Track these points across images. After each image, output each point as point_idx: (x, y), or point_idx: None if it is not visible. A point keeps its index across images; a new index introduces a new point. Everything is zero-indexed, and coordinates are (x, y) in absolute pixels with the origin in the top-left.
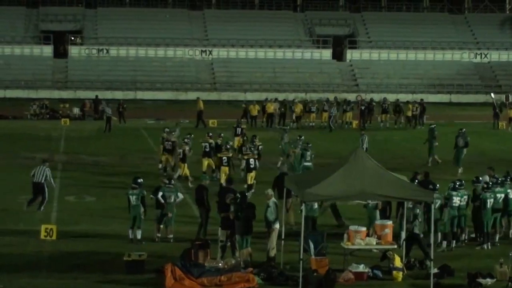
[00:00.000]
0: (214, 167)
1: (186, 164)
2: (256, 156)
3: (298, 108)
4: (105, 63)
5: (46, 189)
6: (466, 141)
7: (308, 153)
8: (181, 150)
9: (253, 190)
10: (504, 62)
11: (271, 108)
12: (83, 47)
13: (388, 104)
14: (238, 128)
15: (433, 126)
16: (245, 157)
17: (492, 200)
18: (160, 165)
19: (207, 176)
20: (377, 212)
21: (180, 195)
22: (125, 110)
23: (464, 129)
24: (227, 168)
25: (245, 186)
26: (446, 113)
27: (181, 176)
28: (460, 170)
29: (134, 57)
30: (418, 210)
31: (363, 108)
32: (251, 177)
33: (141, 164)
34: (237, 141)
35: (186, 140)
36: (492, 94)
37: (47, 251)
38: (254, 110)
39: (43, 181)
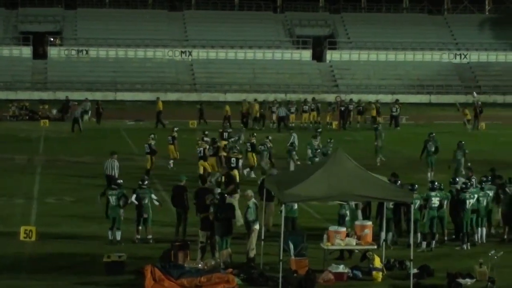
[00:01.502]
0: (209, 170)
1: (206, 163)
2: (239, 156)
3: (254, 109)
4: (85, 64)
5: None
6: (437, 146)
7: (316, 159)
8: (201, 149)
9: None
10: (483, 63)
11: (243, 109)
12: (62, 48)
13: (363, 106)
14: (224, 133)
15: (376, 125)
16: (223, 153)
17: (471, 200)
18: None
19: (184, 176)
20: (359, 212)
21: (155, 197)
22: (103, 110)
23: (434, 134)
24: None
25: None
26: (426, 113)
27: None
28: (431, 174)
29: (114, 58)
30: (344, 211)
31: (342, 109)
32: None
33: (121, 165)
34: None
35: (205, 139)
36: (475, 93)
37: (26, 253)
38: (229, 110)
39: (113, 173)
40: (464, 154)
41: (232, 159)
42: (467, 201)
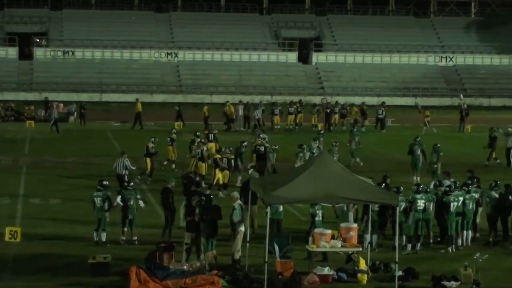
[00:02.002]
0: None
1: (205, 164)
2: (231, 157)
3: (230, 110)
4: (71, 65)
5: (126, 178)
6: (423, 149)
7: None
8: (199, 150)
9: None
10: (469, 66)
11: (227, 110)
12: (48, 49)
13: (347, 109)
14: (210, 134)
15: (352, 128)
16: (218, 156)
17: (456, 203)
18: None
19: (172, 178)
20: (351, 214)
21: (140, 197)
22: (86, 111)
23: (419, 137)
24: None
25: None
26: (412, 116)
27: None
28: (417, 179)
29: (100, 59)
30: (312, 210)
31: (328, 111)
32: (223, 176)
33: (107, 167)
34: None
35: (203, 140)
36: (461, 96)
37: (11, 254)
38: (206, 112)
39: (123, 172)
40: (438, 157)
41: (224, 159)
42: (451, 204)
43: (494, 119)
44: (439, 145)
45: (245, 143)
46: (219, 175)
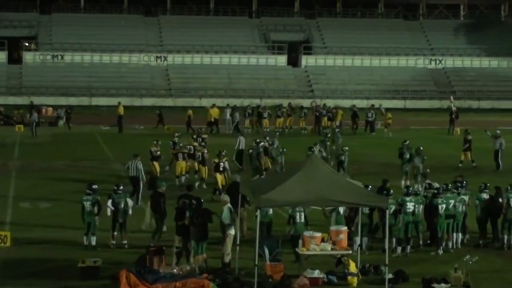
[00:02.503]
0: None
1: (206, 167)
2: (225, 159)
3: (214, 113)
4: (60, 69)
5: (141, 182)
6: (411, 153)
7: None
8: (200, 154)
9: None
10: (458, 68)
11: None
12: (37, 53)
13: (333, 112)
14: (198, 138)
15: (334, 130)
16: (216, 160)
17: (444, 206)
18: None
19: (163, 182)
20: (343, 218)
21: (130, 201)
22: (70, 115)
23: (408, 141)
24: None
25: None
26: (401, 119)
27: (203, 179)
28: (405, 182)
29: (89, 63)
30: (291, 212)
31: (318, 114)
32: (220, 179)
33: (96, 170)
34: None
35: (203, 143)
36: (452, 98)
37: (1, 258)
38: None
39: (137, 174)
40: (422, 160)
41: (220, 163)
42: (440, 206)
43: (483, 121)
44: (421, 148)
45: (261, 143)
46: (219, 178)
